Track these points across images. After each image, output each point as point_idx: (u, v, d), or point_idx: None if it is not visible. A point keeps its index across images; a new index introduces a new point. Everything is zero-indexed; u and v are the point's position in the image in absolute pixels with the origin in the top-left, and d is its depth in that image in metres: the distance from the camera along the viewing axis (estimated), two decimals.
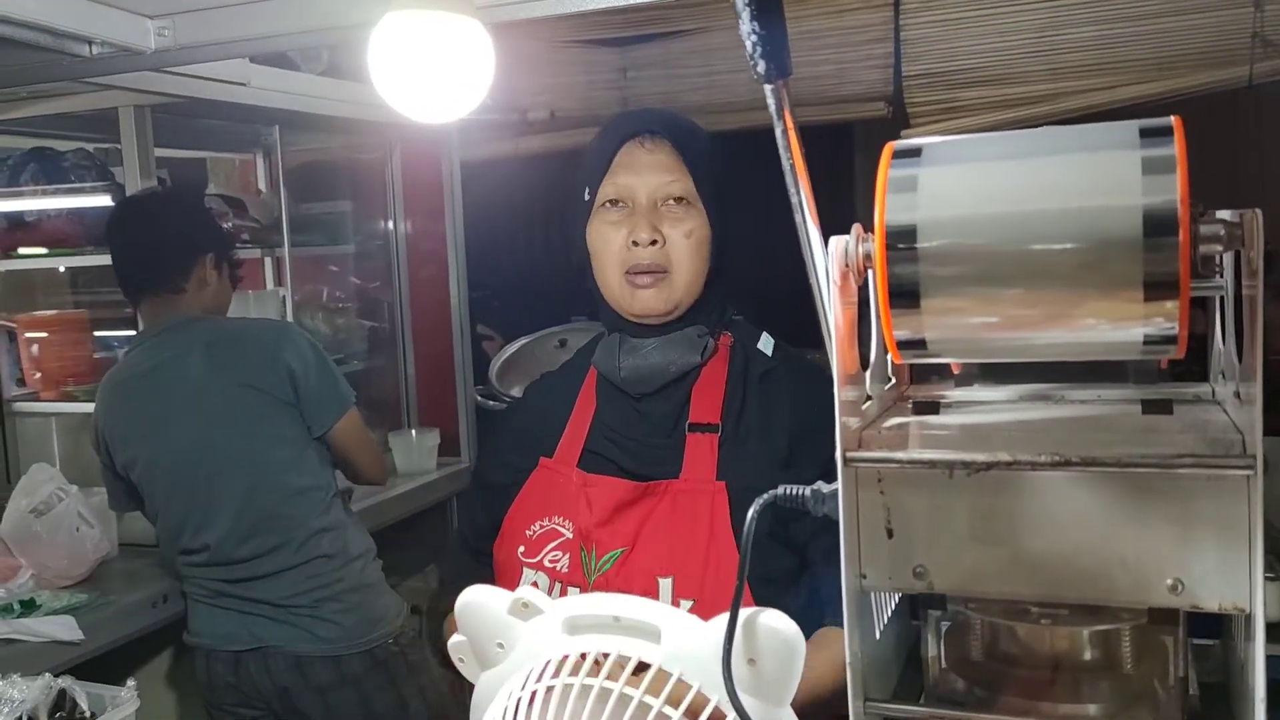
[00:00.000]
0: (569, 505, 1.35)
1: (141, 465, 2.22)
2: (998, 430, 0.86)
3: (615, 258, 1.34)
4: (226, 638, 2.22)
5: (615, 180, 1.35)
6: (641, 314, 1.35)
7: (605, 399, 1.41)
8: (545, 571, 1.34)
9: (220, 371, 2.22)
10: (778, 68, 0.81)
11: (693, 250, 1.34)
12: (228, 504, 2.19)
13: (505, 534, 1.40)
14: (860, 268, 0.78)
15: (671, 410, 1.37)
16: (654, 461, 1.34)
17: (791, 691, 0.92)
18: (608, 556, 1.30)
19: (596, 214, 1.37)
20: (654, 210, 1.34)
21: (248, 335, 2.33)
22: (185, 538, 2.21)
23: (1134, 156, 0.65)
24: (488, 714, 0.97)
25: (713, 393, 1.36)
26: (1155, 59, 3.42)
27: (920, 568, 0.82)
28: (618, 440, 1.38)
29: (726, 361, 1.39)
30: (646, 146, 1.35)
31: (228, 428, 2.21)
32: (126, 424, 2.22)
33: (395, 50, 1.13)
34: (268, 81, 2.65)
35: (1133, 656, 0.85)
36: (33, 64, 1.57)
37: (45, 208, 2.86)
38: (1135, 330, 0.67)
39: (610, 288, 1.37)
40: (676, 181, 1.34)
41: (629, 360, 1.36)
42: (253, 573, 2.20)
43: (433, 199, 3.64)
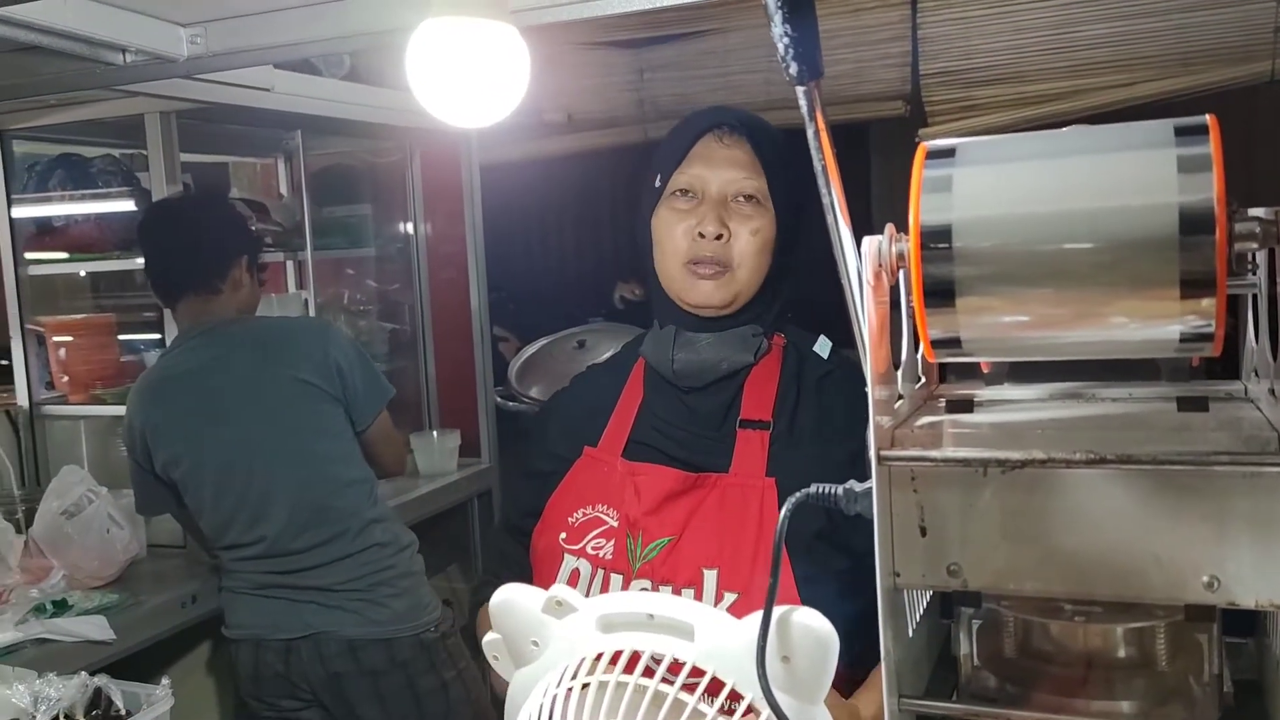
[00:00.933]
0: (613, 493, 1.35)
1: (188, 464, 2.24)
2: (1030, 428, 0.86)
3: (678, 246, 1.34)
4: (275, 627, 2.25)
5: (689, 170, 1.35)
6: (699, 305, 1.35)
7: (653, 390, 1.41)
8: (587, 558, 1.33)
9: (272, 368, 2.28)
10: (810, 69, 0.82)
11: (757, 248, 1.34)
12: (283, 497, 2.24)
13: (546, 521, 1.40)
14: (893, 267, 0.79)
15: (720, 406, 1.37)
16: (701, 453, 1.34)
17: (825, 689, 0.93)
18: (654, 545, 1.30)
19: (665, 201, 1.37)
20: (723, 204, 1.34)
21: (295, 332, 2.41)
22: (235, 533, 2.25)
23: (1169, 155, 0.66)
24: (522, 711, 0.98)
25: (765, 391, 1.36)
26: (1175, 55, 3.40)
27: (954, 566, 0.83)
28: (665, 430, 1.37)
29: (779, 361, 1.39)
30: (724, 141, 1.35)
31: (282, 422, 2.26)
32: (172, 424, 2.25)
33: (433, 57, 1.14)
34: (291, 86, 2.67)
35: (1167, 654, 0.86)
36: (68, 72, 1.60)
37: (72, 213, 2.89)
38: (1171, 328, 0.67)
39: (670, 276, 1.36)
40: (750, 179, 1.34)
41: (682, 354, 1.36)
42: (308, 563, 2.25)
43: (452, 202, 3.65)
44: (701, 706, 0.89)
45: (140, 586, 2.40)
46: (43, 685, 1.45)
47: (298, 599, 2.25)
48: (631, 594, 1.20)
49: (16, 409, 2.94)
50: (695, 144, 1.36)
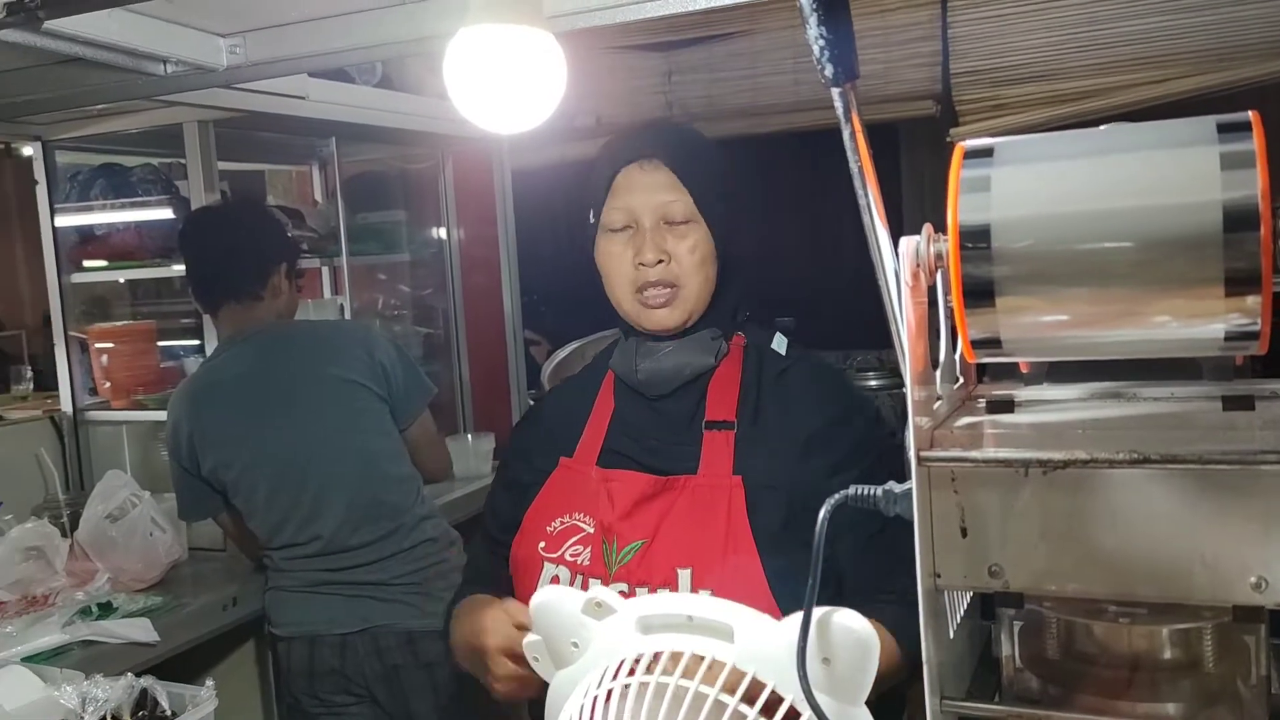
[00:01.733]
0: (589, 501, 1.39)
1: (240, 466, 2.27)
2: (1071, 428, 0.85)
3: (625, 278, 1.39)
4: (331, 623, 2.27)
5: (617, 204, 1.40)
6: (655, 329, 1.41)
7: (623, 400, 1.47)
8: (566, 565, 1.37)
9: (321, 369, 2.32)
10: (845, 71, 0.82)
11: (698, 263, 1.39)
12: (338, 495, 2.27)
13: (526, 531, 1.44)
14: (931, 267, 0.79)
15: (687, 409, 1.42)
16: (671, 458, 1.39)
17: (866, 690, 0.93)
18: (629, 548, 1.34)
19: (602, 236, 1.42)
20: (658, 229, 1.38)
21: (340, 333, 2.48)
22: (289, 532, 2.28)
23: (1212, 152, 0.65)
24: (563, 712, 0.98)
25: (728, 391, 1.41)
26: (1209, 50, 3.36)
27: (995, 567, 0.83)
28: (636, 438, 1.42)
29: (740, 361, 1.44)
30: (645, 169, 1.39)
31: (335, 421, 2.30)
32: (222, 427, 2.28)
33: (471, 64, 1.16)
34: (325, 94, 2.70)
35: (1213, 655, 0.85)
36: (111, 83, 1.63)
37: (113, 221, 2.93)
38: (1215, 326, 0.67)
39: (623, 306, 1.42)
40: (677, 201, 1.38)
41: (645, 363, 1.42)
42: (363, 559, 2.28)
43: (485, 207, 3.68)
44: (742, 708, 0.89)
45: (182, 589, 2.43)
46: (90, 686, 1.47)
47: (354, 594, 2.28)
48: (671, 595, 1.21)
49: (61, 415, 2.98)
50: (618, 176, 1.40)
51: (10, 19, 1.16)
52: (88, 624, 2.15)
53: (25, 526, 2.38)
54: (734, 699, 0.89)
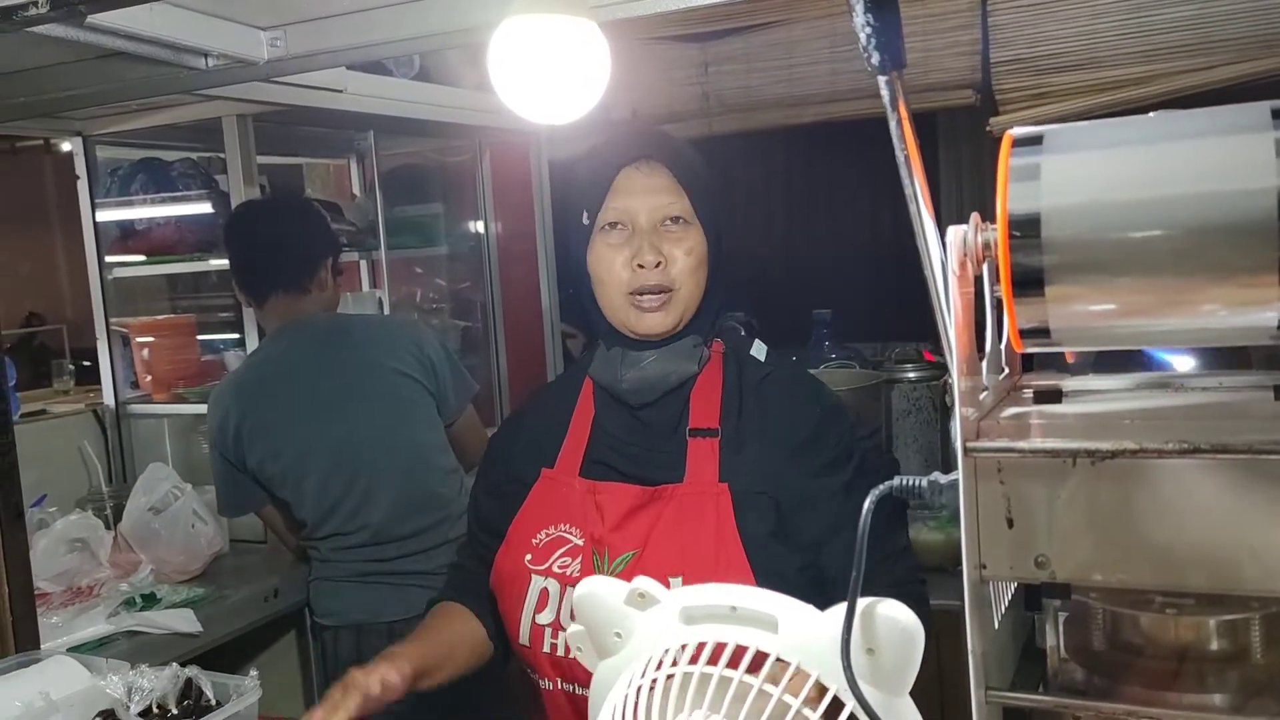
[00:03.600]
0: (575, 513, 1.39)
1: (291, 456, 2.30)
2: (1119, 419, 0.85)
3: (619, 280, 1.39)
4: (379, 611, 2.30)
5: (614, 204, 1.39)
6: (646, 334, 1.40)
7: (604, 408, 1.46)
8: (555, 577, 1.38)
9: (375, 360, 2.35)
10: (892, 59, 0.82)
11: (694, 267, 1.39)
12: (388, 486, 2.31)
13: (510, 543, 1.44)
14: (979, 257, 0.79)
15: (671, 418, 1.42)
16: (655, 466, 1.39)
17: (910, 681, 0.92)
18: (620, 559, 1.35)
19: (598, 237, 1.41)
20: (655, 231, 1.38)
21: (388, 327, 2.53)
22: (336, 522, 2.31)
23: (1267, 139, 0.65)
24: (608, 701, 0.99)
25: (710, 398, 1.42)
26: (1255, 36, 3.30)
27: (1042, 557, 0.82)
28: (619, 448, 1.42)
29: (721, 368, 1.45)
30: (643, 170, 1.39)
31: (387, 413, 2.33)
32: (272, 418, 2.31)
33: (516, 54, 1.16)
34: (363, 88, 2.72)
35: (1261, 646, 0.84)
36: (152, 77, 1.64)
37: (153, 216, 2.97)
38: (1269, 314, 0.66)
39: (614, 309, 1.41)
40: (675, 202, 1.38)
41: (630, 372, 1.42)
42: (411, 549, 2.32)
43: (522, 199, 3.69)
44: (787, 698, 0.89)
45: (224, 580, 2.47)
46: (135, 676, 1.48)
47: (401, 584, 2.31)
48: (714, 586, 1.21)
49: (103, 408, 3.02)
50: (616, 177, 1.39)
51: (52, 13, 1.18)
52: (132, 615, 2.18)
53: (70, 519, 2.42)
54: (778, 689, 0.89)
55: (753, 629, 0.96)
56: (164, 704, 1.46)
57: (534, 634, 1.39)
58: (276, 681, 2.61)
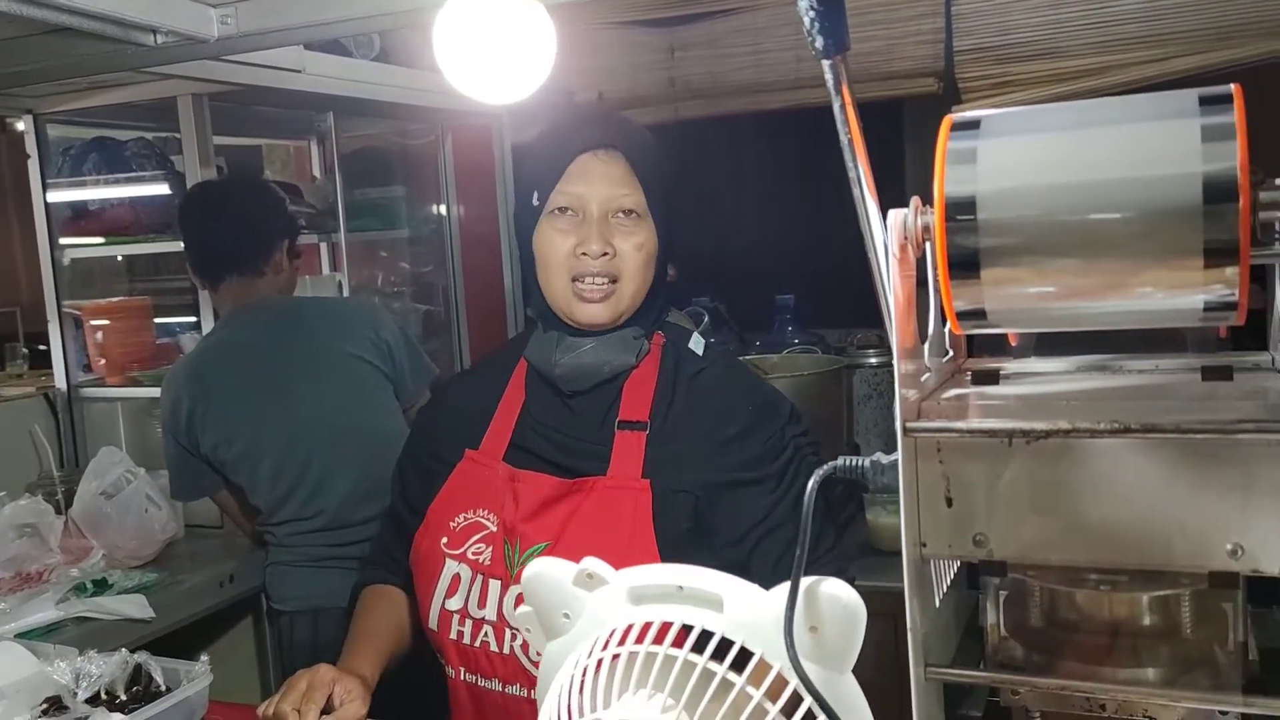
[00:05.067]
0: (494, 499, 1.37)
1: (244, 441, 2.28)
2: (1056, 399, 0.86)
3: (562, 264, 1.36)
4: (336, 595, 2.27)
5: (568, 189, 1.36)
6: (587, 324, 1.38)
7: (534, 393, 1.44)
8: (468, 564, 1.36)
9: (329, 344, 2.33)
10: (835, 43, 0.82)
11: (642, 263, 1.37)
12: (345, 471, 2.29)
13: (429, 525, 1.42)
14: (919, 240, 0.79)
15: (600, 408, 1.39)
16: (582, 456, 1.37)
17: (853, 658, 0.93)
18: (531, 550, 1.33)
19: (545, 220, 1.38)
20: (605, 221, 1.36)
21: (344, 310, 2.51)
22: (292, 508, 2.29)
23: (1193, 124, 0.66)
24: (554, 682, 0.99)
25: (643, 391, 1.39)
26: (1210, 29, 3.36)
27: (980, 536, 0.84)
28: (546, 434, 1.40)
29: (658, 361, 1.42)
30: (601, 158, 1.36)
31: (342, 397, 2.31)
32: (226, 401, 2.28)
33: (460, 34, 1.16)
34: (322, 68, 2.69)
35: (1192, 621, 0.86)
36: (99, 54, 1.61)
37: (107, 197, 2.92)
38: (1195, 297, 0.68)
39: (555, 294, 1.38)
40: (629, 195, 1.36)
41: (565, 358, 1.39)
42: (368, 534, 2.28)
43: (485, 183, 3.67)
44: (730, 675, 0.90)
45: (178, 566, 2.44)
46: (84, 662, 1.46)
47: (357, 568, 2.29)
48: (661, 566, 1.21)
49: (55, 392, 2.98)
50: (572, 162, 1.36)
51: None
52: (82, 600, 2.15)
53: (19, 504, 2.37)
54: (722, 666, 0.90)
55: (699, 608, 0.97)
56: (112, 690, 1.45)
57: (442, 618, 1.38)
58: (233, 667, 2.60)
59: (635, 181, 1.36)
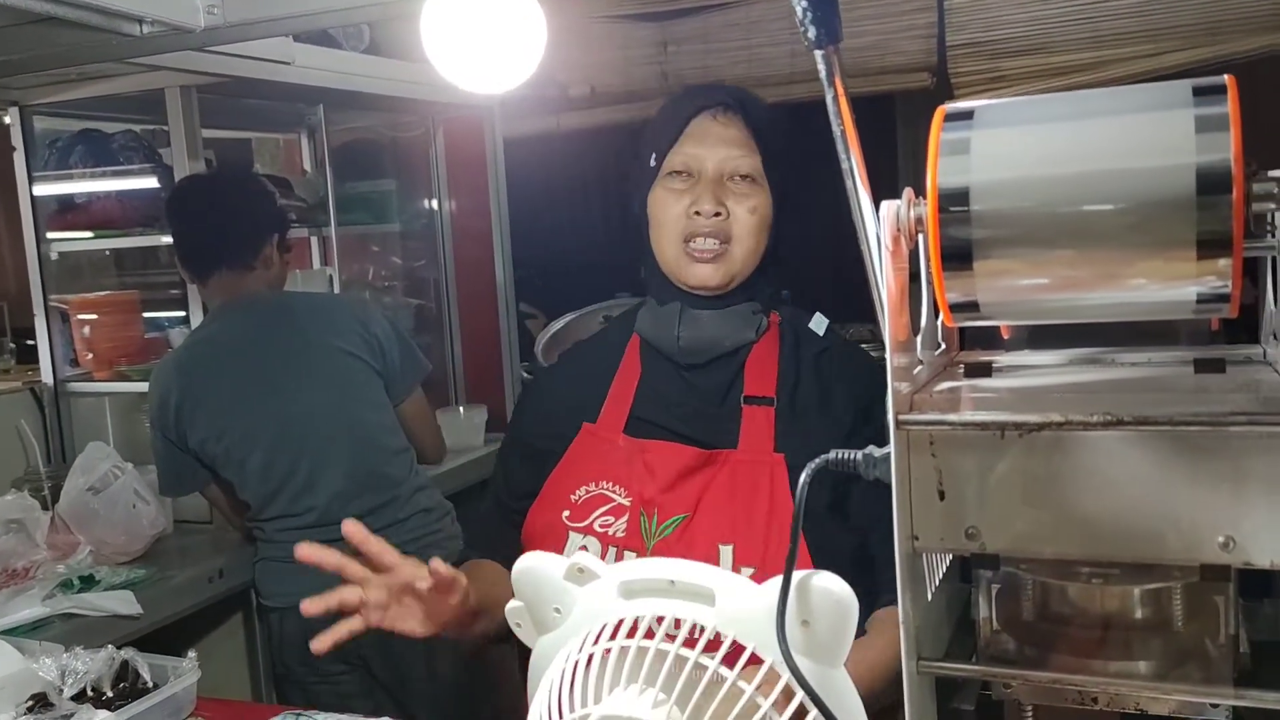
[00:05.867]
0: (619, 471, 1.35)
1: (233, 436, 2.27)
2: (1049, 392, 0.86)
3: (675, 225, 1.35)
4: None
5: (684, 150, 1.35)
6: (695, 286, 1.36)
7: (651, 367, 1.42)
8: (596, 536, 1.34)
9: (318, 339, 2.33)
10: (828, 33, 0.81)
11: (755, 227, 1.35)
12: (336, 466, 2.28)
13: (546, 498, 1.40)
14: (912, 232, 0.79)
15: (722, 383, 1.38)
16: (704, 429, 1.35)
17: (845, 653, 0.93)
18: (669, 522, 1.31)
19: (661, 181, 1.37)
20: (719, 184, 1.34)
21: (335, 305, 2.50)
22: (283, 503, 2.28)
23: (1187, 115, 0.66)
24: (545, 677, 0.99)
25: (766, 368, 1.38)
26: (1202, 24, 3.37)
27: (972, 529, 0.83)
28: (667, 407, 1.38)
29: (778, 339, 1.41)
30: (720, 120, 1.35)
31: (333, 393, 2.31)
32: (215, 396, 2.27)
33: (448, 23, 1.15)
34: (312, 60, 2.68)
35: (1184, 615, 0.86)
36: (84, 44, 1.60)
37: (94, 190, 2.90)
38: (1188, 289, 0.67)
39: (666, 256, 1.37)
40: (745, 158, 1.34)
41: (687, 330, 1.37)
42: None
43: (476, 176, 3.66)
44: (723, 670, 0.90)
45: (167, 561, 2.42)
46: (70, 659, 1.46)
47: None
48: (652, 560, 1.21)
49: (41, 386, 2.96)
50: (689, 123, 1.36)
51: None
52: (69, 597, 2.14)
53: (5, 499, 2.36)
54: (714, 661, 0.90)
55: (691, 602, 0.97)
56: (99, 687, 1.45)
57: None
58: (223, 664, 2.58)
59: (753, 145, 1.35)
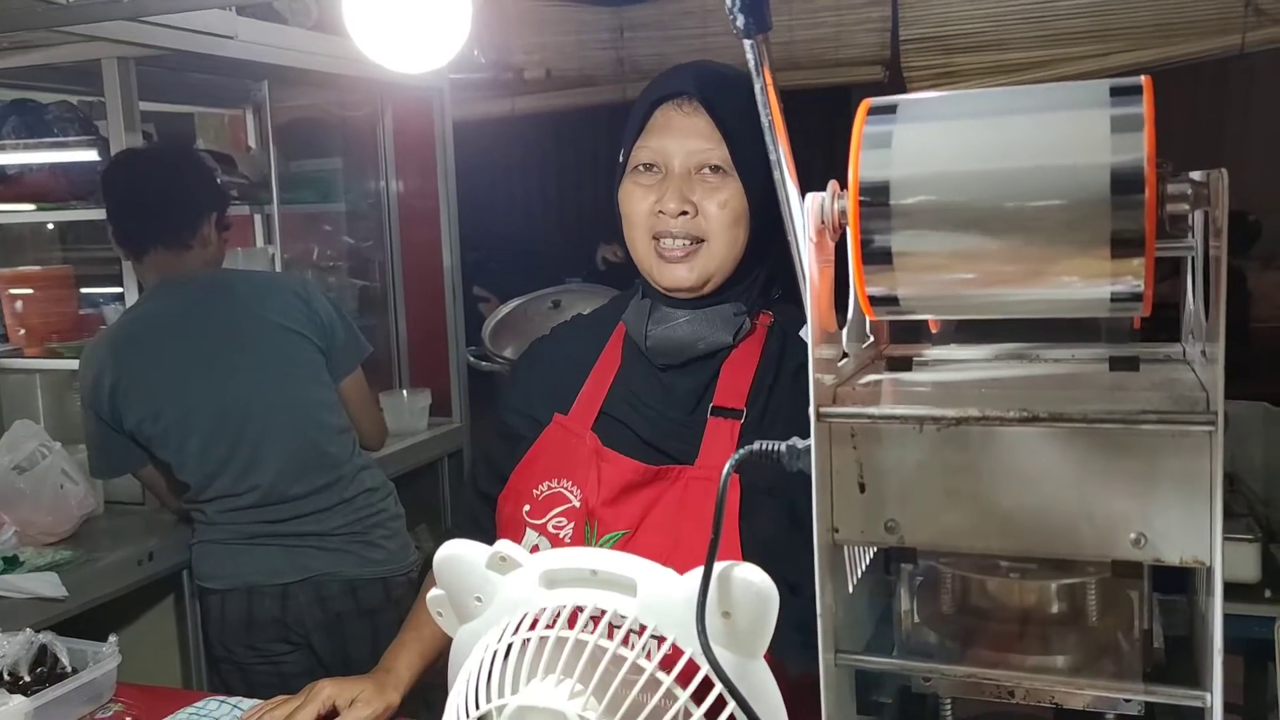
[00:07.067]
0: (579, 471, 1.30)
1: (171, 416, 2.23)
2: (970, 387, 0.86)
3: (644, 223, 1.28)
4: (271, 573, 2.26)
5: (649, 143, 1.28)
6: (670, 287, 1.29)
7: (630, 360, 1.36)
8: (548, 536, 1.30)
9: (260, 315, 2.29)
10: (757, 22, 0.81)
11: (728, 222, 1.26)
12: (278, 444, 2.25)
13: (512, 489, 1.36)
14: (836, 224, 0.79)
15: (695, 388, 1.30)
16: (671, 437, 1.29)
17: (765, 644, 0.93)
18: (608, 537, 1.27)
19: (629, 176, 1.31)
20: (687, 178, 1.27)
21: (275, 282, 2.48)
22: (224, 483, 2.25)
23: (1103, 115, 0.66)
24: (464, 668, 0.98)
25: (742, 375, 1.29)
26: (1150, 26, 3.42)
27: (892, 522, 0.83)
28: (637, 408, 1.32)
29: (762, 343, 1.32)
30: (684, 110, 1.27)
31: (274, 370, 2.28)
32: (151, 375, 2.23)
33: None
34: (256, 35, 2.62)
35: (1099, 610, 0.87)
36: (9, 11, 1.55)
37: (27, 161, 2.82)
38: (1103, 287, 0.68)
39: (638, 254, 1.31)
40: (713, 149, 1.26)
41: (657, 329, 1.31)
42: (305, 509, 2.27)
43: (425, 157, 3.62)
44: (641, 661, 0.90)
45: (95, 543, 2.38)
46: None
47: (295, 545, 2.27)
48: (574, 550, 1.20)
49: None
50: (654, 114, 1.29)
51: None
52: None
53: None
54: (633, 652, 0.89)
55: (612, 592, 0.96)
56: (16, 671, 1.41)
57: None
58: (152, 648, 2.53)
59: (718, 135, 1.25)
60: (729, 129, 1.26)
